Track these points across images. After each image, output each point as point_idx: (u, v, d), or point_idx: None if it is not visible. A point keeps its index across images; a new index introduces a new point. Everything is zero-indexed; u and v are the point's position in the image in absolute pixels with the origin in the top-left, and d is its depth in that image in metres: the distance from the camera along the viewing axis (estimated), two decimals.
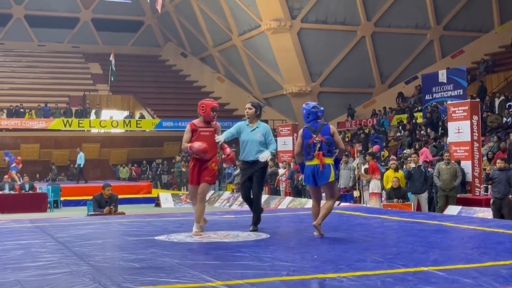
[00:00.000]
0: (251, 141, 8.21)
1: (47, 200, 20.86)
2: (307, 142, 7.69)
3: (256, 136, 8.22)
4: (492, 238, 7.35)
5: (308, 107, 7.83)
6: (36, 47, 43.21)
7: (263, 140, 8.24)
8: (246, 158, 8.29)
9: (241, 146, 8.33)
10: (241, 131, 8.32)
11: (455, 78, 23.43)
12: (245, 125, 8.36)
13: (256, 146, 8.20)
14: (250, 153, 8.22)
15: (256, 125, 8.33)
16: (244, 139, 8.26)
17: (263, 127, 8.36)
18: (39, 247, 7.10)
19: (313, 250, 6.56)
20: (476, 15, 32.89)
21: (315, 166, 7.57)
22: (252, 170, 8.24)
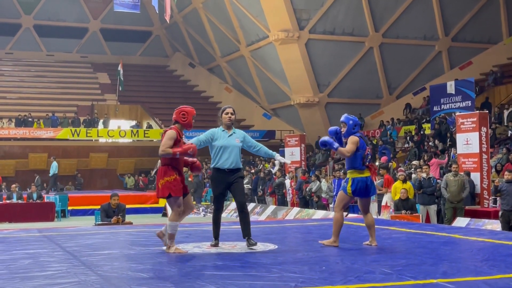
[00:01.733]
0: (232, 147, 7.76)
1: (55, 210, 20.88)
2: (363, 152, 7.74)
3: (235, 141, 7.81)
4: (502, 250, 7.31)
5: (356, 119, 7.92)
6: (45, 57, 43.39)
7: (240, 145, 7.85)
8: (223, 165, 7.72)
9: (216, 152, 7.79)
10: (215, 138, 7.85)
11: (463, 90, 23.35)
12: (221, 131, 7.89)
13: (236, 153, 7.76)
14: (229, 160, 7.72)
15: (233, 131, 7.92)
16: (222, 145, 7.75)
17: (240, 133, 7.98)
18: (47, 257, 7.11)
19: (321, 261, 6.54)
20: (484, 27, 32.85)
21: (368, 178, 7.74)
22: (230, 180, 7.74)
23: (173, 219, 7.29)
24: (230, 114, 7.91)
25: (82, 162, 33.72)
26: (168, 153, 7.19)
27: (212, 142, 7.85)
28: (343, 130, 7.87)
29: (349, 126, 7.80)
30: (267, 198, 22.37)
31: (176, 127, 7.36)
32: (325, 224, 11.20)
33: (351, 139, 7.74)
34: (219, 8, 34.54)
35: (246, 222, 7.69)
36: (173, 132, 7.28)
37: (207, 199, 26.72)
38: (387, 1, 31.20)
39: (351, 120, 7.84)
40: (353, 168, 7.76)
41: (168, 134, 7.31)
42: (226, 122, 7.90)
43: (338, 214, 7.81)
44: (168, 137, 7.26)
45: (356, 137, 7.75)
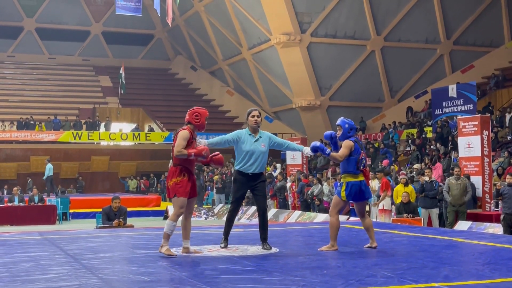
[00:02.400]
0: (257, 152, 7.76)
1: (56, 213, 20.89)
2: (358, 157, 7.73)
3: (261, 147, 7.80)
4: (503, 254, 7.30)
5: (352, 122, 7.90)
6: (47, 60, 43.44)
7: (265, 150, 7.83)
8: (247, 169, 7.77)
9: (242, 156, 7.79)
10: (241, 140, 7.81)
11: (465, 93, 23.37)
12: (247, 135, 7.84)
13: (262, 158, 7.78)
14: (254, 165, 7.75)
15: (259, 134, 7.89)
16: (248, 150, 7.75)
17: (266, 136, 7.94)
18: (48, 260, 7.10)
19: (322, 265, 6.53)
20: (486, 30, 32.85)
21: (362, 182, 7.75)
22: (252, 184, 7.81)
23: (172, 219, 7.28)
24: (256, 117, 7.87)
25: (84, 165, 33.73)
26: (183, 154, 7.17)
27: (238, 144, 7.84)
28: (339, 134, 7.84)
29: (344, 130, 7.79)
30: (269, 201, 22.36)
31: (189, 127, 7.33)
32: (327, 227, 11.18)
33: (345, 144, 7.72)
34: (221, 11, 34.58)
35: (265, 226, 7.83)
36: (186, 133, 7.24)
37: (209, 202, 26.73)
38: (389, 4, 31.22)
39: (346, 123, 7.82)
40: (347, 172, 7.75)
41: (181, 134, 7.26)
42: (252, 125, 7.87)
43: (333, 218, 7.78)
44: (182, 138, 7.22)
45: (350, 141, 7.73)
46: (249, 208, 20.70)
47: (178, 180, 7.23)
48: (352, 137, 7.80)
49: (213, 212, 23.03)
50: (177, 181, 7.23)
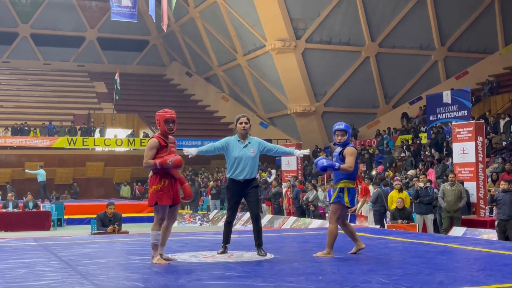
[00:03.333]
0: (246, 158, 7.75)
1: (51, 219, 20.83)
2: (357, 165, 7.78)
3: (250, 152, 7.79)
4: (498, 260, 7.31)
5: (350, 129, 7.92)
6: (42, 66, 43.39)
7: (254, 155, 7.83)
8: (238, 176, 7.76)
9: (231, 163, 7.79)
10: (230, 147, 7.82)
11: (459, 99, 23.42)
12: (236, 141, 7.86)
13: (251, 164, 7.77)
14: (244, 171, 7.75)
15: (248, 140, 7.89)
16: (236, 156, 7.76)
17: (256, 142, 7.93)
18: (43, 266, 7.08)
19: (318, 271, 6.53)
20: (480, 37, 32.98)
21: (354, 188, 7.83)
22: (246, 190, 7.82)
23: (154, 228, 7.18)
24: (244, 124, 7.86)
25: (79, 171, 33.67)
26: (150, 165, 7.11)
27: (228, 151, 7.84)
28: (342, 139, 7.67)
29: (349, 134, 7.70)
30: (264, 207, 22.36)
31: (159, 134, 7.29)
32: (322, 233, 11.20)
33: (351, 151, 7.59)
34: (216, 17, 34.63)
35: (259, 231, 7.80)
36: (153, 141, 7.17)
37: (204, 208, 26.69)
38: (384, 10, 31.32)
39: (350, 129, 7.78)
40: (348, 178, 7.65)
41: (148, 144, 7.22)
42: (240, 131, 7.88)
43: (333, 225, 7.68)
44: (149, 148, 7.15)
45: (353, 148, 7.66)
46: (244, 214, 20.69)
47: (159, 187, 7.13)
48: (351, 143, 7.76)
49: (208, 218, 23.00)
50: (158, 188, 7.13)
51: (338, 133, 7.71)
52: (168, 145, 7.21)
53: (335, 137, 7.75)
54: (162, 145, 7.17)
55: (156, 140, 7.17)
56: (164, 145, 7.18)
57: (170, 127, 7.27)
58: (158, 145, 7.15)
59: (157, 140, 7.17)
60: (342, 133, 7.67)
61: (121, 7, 29.67)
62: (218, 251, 7.94)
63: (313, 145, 32.60)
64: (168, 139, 7.30)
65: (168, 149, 7.18)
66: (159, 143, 7.16)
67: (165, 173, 7.15)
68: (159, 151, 7.14)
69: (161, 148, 7.16)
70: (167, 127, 7.25)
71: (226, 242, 7.93)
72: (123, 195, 32.78)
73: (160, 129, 7.28)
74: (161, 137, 7.24)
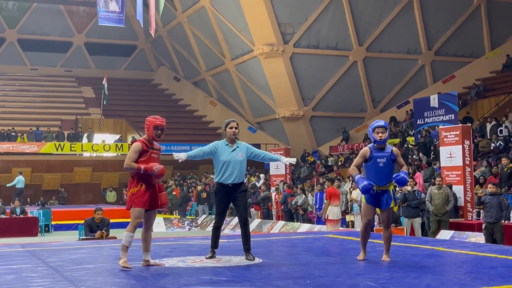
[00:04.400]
0: (234, 162, 7.80)
1: (38, 224, 20.72)
2: None
3: (238, 156, 7.85)
4: (485, 263, 7.35)
5: None
6: (29, 71, 43.19)
7: (242, 159, 7.90)
8: (226, 181, 7.79)
9: (220, 167, 7.83)
10: (219, 151, 7.86)
11: (446, 103, 23.56)
12: (224, 145, 7.91)
13: (239, 168, 7.82)
14: (232, 175, 7.79)
15: (236, 144, 7.96)
16: (225, 160, 7.80)
17: (244, 146, 8.01)
18: (30, 272, 7.05)
19: (306, 275, 6.54)
20: (467, 41, 33.19)
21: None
22: (234, 194, 7.84)
23: (129, 230, 7.20)
24: (234, 128, 7.94)
25: (66, 177, 33.51)
26: (132, 168, 7.14)
27: (216, 155, 7.87)
28: (383, 137, 7.53)
29: (388, 133, 7.63)
30: (252, 211, 22.36)
31: (143, 139, 7.30)
32: (310, 237, 11.22)
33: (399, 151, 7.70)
34: (204, 22, 34.63)
35: (247, 236, 7.83)
36: (138, 145, 7.20)
37: (192, 213, 26.64)
38: (371, 15, 31.46)
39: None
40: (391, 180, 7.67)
41: (133, 147, 7.25)
42: (230, 136, 7.93)
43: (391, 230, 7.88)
44: (133, 150, 7.18)
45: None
46: (232, 219, 20.68)
47: (135, 190, 7.16)
48: None
49: (196, 223, 22.97)
50: (134, 191, 7.16)
51: (378, 130, 7.56)
52: (149, 150, 7.22)
53: (375, 135, 7.56)
54: (144, 150, 7.20)
55: (139, 144, 7.21)
56: (146, 150, 7.21)
57: (158, 133, 7.28)
58: (141, 149, 7.18)
59: (141, 144, 7.20)
60: (383, 130, 7.54)
61: (108, 12, 29.65)
62: (206, 256, 7.93)
63: (302, 149, 32.66)
64: (153, 145, 7.32)
65: (148, 154, 7.19)
66: (142, 148, 7.19)
67: (142, 177, 7.17)
68: (140, 155, 7.18)
69: (142, 152, 7.19)
70: (155, 133, 7.26)
71: (215, 247, 7.93)
72: (109, 201, 32.65)
73: (148, 134, 7.30)
74: (145, 141, 7.27)
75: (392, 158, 7.55)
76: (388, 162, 7.52)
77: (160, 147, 7.47)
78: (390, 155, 7.54)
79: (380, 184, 7.54)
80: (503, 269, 6.83)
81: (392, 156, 7.54)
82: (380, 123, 7.63)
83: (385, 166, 7.51)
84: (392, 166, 7.59)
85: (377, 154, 7.53)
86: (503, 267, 6.93)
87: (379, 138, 7.50)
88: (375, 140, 7.56)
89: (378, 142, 7.52)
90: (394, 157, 7.56)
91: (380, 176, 7.53)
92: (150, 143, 7.29)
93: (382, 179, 7.55)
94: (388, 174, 7.56)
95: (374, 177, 7.52)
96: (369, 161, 7.51)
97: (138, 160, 7.16)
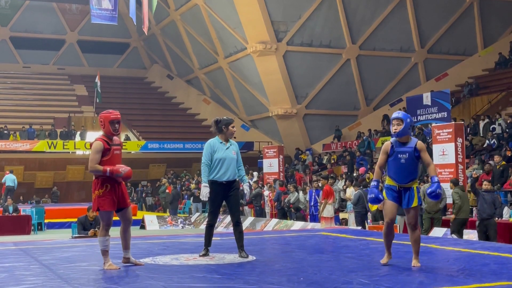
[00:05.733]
0: (229, 159, 7.82)
1: (31, 223, 20.66)
2: None
3: (232, 154, 7.88)
4: (478, 260, 7.38)
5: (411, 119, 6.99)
6: (21, 69, 43.05)
7: (236, 157, 7.93)
8: (221, 178, 7.79)
9: (214, 164, 7.82)
10: (214, 150, 7.87)
11: (439, 101, 23.56)
12: (219, 143, 7.93)
13: (233, 165, 7.84)
14: (227, 172, 7.80)
15: (230, 143, 7.99)
16: (221, 157, 7.80)
17: (235, 145, 8.07)
18: (23, 270, 7.03)
19: (299, 272, 6.55)
20: (459, 39, 33.27)
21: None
22: (228, 192, 7.85)
23: (100, 234, 7.06)
24: (234, 128, 8.07)
25: (59, 175, 33.42)
26: (98, 171, 6.87)
27: (213, 154, 7.87)
28: (398, 129, 6.79)
29: (406, 125, 6.82)
30: (246, 209, 22.36)
31: (103, 136, 7.05)
32: (303, 235, 11.23)
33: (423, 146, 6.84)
34: (197, 20, 34.60)
35: (241, 234, 7.84)
36: (98, 144, 6.93)
37: (185, 211, 26.62)
38: (364, 13, 31.49)
39: (409, 118, 6.86)
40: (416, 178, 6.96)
41: (93, 147, 6.95)
42: (230, 135, 8.01)
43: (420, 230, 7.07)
44: (95, 151, 6.90)
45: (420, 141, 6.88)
46: (226, 217, 20.67)
47: (100, 192, 6.94)
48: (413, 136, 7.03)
49: (189, 221, 22.96)
50: (100, 193, 6.94)
51: (394, 122, 6.88)
52: (111, 148, 6.99)
53: (392, 127, 6.91)
54: (106, 148, 6.93)
55: (100, 142, 6.94)
56: (108, 147, 6.95)
57: (115, 127, 7.02)
58: (103, 148, 6.92)
59: (101, 143, 6.94)
60: (398, 122, 6.83)
61: (101, 10, 29.53)
62: (199, 253, 7.94)
63: (294, 147, 32.67)
64: (113, 141, 7.08)
65: (110, 152, 6.97)
66: (103, 146, 6.93)
67: (107, 178, 6.92)
68: (102, 154, 6.94)
69: (105, 151, 6.93)
70: (112, 127, 7.00)
71: (208, 245, 7.93)
72: None
73: (105, 131, 7.04)
74: (105, 139, 7.01)
75: (416, 154, 6.79)
76: (410, 158, 6.78)
77: (121, 142, 7.25)
78: (413, 151, 6.78)
79: (401, 182, 6.85)
80: (495, 266, 6.85)
81: (415, 152, 6.78)
82: (396, 114, 6.92)
83: (408, 163, 6.78)
84: (416, 163, 6.86)
85: (399, 149, 6.82)
86: (496, 264, 6.95)
87: (393, 131, 6.81)
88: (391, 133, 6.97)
89: (393, 135, 6.87)
90: (418, 152, 6.78)
91: (401, 173, 6.83)
92: (110, 140, 7.03)
93: (404, 177, 6.85)
94: (411, 172, 6.86)
95: (395, 174, 6.86)
96: (391, 156, 6.84)
97: (102, 160, 6.90)
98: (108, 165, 6.88)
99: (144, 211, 29.07)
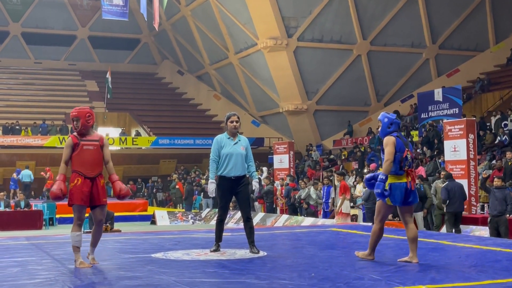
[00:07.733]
0: (236, 154, 7.82)
1: (43, 218, 20.77)
2: (401, 155, 6.84)
3: (240, 149, 7.87)
4: (490, 256, 7.35)
5: (392, 116, 7.06)
6: (33, 65, 43.23)
7: (245, 153, 7.93)
8: (229, 173, 7.80)
9: (222, 160, 7.83)
10: (222, 145, 7.88)
11: (450, 97, 23.47)
12: (226, 138, 7.93)
13: (241, 160, 7.84)
14: (235, 168, 7.80)
15: (238, 138, 7.97)
16: (228, 153, 7.80)
17: (245, 140, 8.02)
18: (36, 265, 7.07)
19: (310, 268, 6.55)
20: (471, 34, 33.08)
21: (405, 183, 6.85)
22: (237, 187, 7.84)
23: (72, 230, 7.00)
24: (235, 122, 7.95)
25: (70, 170, 33.50)
26: (60, 168, 7.04)
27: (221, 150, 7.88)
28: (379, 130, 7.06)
29: (384, 124, 6.99)
30: (256, 205, 22.36)
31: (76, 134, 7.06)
32: (314, 231, 11.23)
33: (387, 141, 6.87)
34: (208, 15, 34.60)
35: (251, 229, 7.85)
36: (68, 139, 7.01)
37: (196, 207, 26.68)
38: (375, 9, 31.37)
39: (386, 117, 7.02)
40: (393, 173, 6.85)
41: (66, 143, 7.07)
42: (232, 130, 7.95)
43: (377, 226, 7.07)
44: (65, 146, 7.03)
45: (392, 137, 6.88)
46: (236, 213, 20.70)
47: (71, 186, 6.97)
48: (394, 133, 6.97)
49: (200, 216, 23.00)
50: (71, 187, 6.96)
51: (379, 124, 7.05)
52: (79, 143, 6.97)
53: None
54: (75, 143, 6.97)
55: (70, 138, 7.00)
56: (77, 142, 6.97)
57: (75, 125, 7.01)
58: (72, 143, 6.96)
59: (71, 138, 6.99)
60: (379, 123, 7.05)
61: (112, 6, 29.59)
62: (211, 249, 7.95)
63: (305, 143, 32.65)
64: (85, 137, 7.03)
65: (79, 147, 6.96)
66: (72, 141, 6.97)
67: (77, 171, 6.95)
68: (72, 150, 6.97)
69: (74, 146, 6.97)
70: (74, 125, 7.04)
71: (219, 240, 7.95)
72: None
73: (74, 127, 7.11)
74: (76, 134, 7.04)
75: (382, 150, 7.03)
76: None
77: (100, 137, 7.15)
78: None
79: None
80: (508, 262, 6.83)
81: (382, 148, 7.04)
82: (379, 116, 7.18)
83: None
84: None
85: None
86: (508, 261, 6.93)
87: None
88: None
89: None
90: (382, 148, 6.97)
91: None
92: (81, 135, 7.02)
93: None
94: None
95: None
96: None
97: (72, 155, 6.96)
98: (78, 163, 6.94)
99: (155, 207, 29.14)
